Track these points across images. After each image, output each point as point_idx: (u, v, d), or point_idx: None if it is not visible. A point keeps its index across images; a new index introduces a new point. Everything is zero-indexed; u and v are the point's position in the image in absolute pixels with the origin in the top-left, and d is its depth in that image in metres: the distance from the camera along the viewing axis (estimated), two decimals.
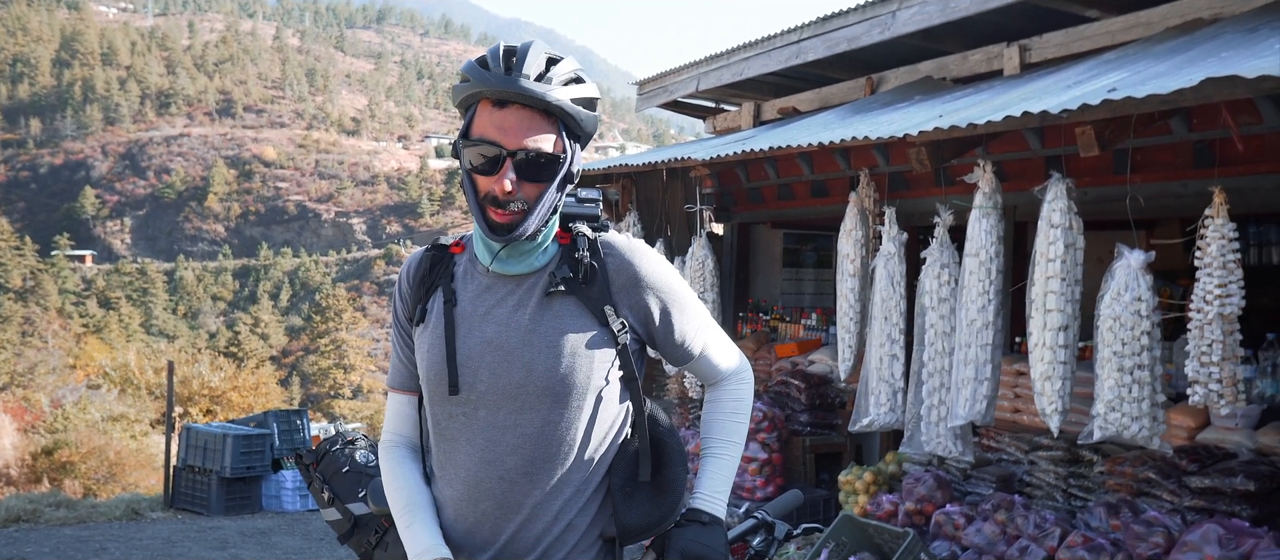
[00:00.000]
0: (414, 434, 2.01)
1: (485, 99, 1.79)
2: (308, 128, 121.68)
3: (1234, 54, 3.73)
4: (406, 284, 1.98)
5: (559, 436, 1.84)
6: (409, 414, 2.01)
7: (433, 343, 1.89)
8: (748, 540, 2.46)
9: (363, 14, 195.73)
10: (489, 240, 1.84)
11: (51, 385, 31.23)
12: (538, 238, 1.86)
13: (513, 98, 1.76)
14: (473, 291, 1.90)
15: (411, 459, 1.98)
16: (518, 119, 1.77)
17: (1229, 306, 3.94)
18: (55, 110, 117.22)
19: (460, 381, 1.85)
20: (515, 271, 1.87)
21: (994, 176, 4.89)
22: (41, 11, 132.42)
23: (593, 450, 1.88)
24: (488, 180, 1.79)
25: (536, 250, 1.87)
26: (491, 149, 1.77)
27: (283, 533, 9.43)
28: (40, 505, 10.30)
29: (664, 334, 1.96)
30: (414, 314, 1.94)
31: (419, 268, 1.96)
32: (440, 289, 1.92)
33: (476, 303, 1.88)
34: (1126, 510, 4.70)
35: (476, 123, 1.80)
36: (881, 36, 6.53)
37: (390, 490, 1.96)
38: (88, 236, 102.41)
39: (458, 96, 1.84)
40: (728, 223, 9.02)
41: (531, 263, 1.87)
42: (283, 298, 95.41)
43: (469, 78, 1.80)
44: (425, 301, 1.93)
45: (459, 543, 1.89)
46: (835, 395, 7.50)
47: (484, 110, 1.79)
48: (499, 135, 1.77)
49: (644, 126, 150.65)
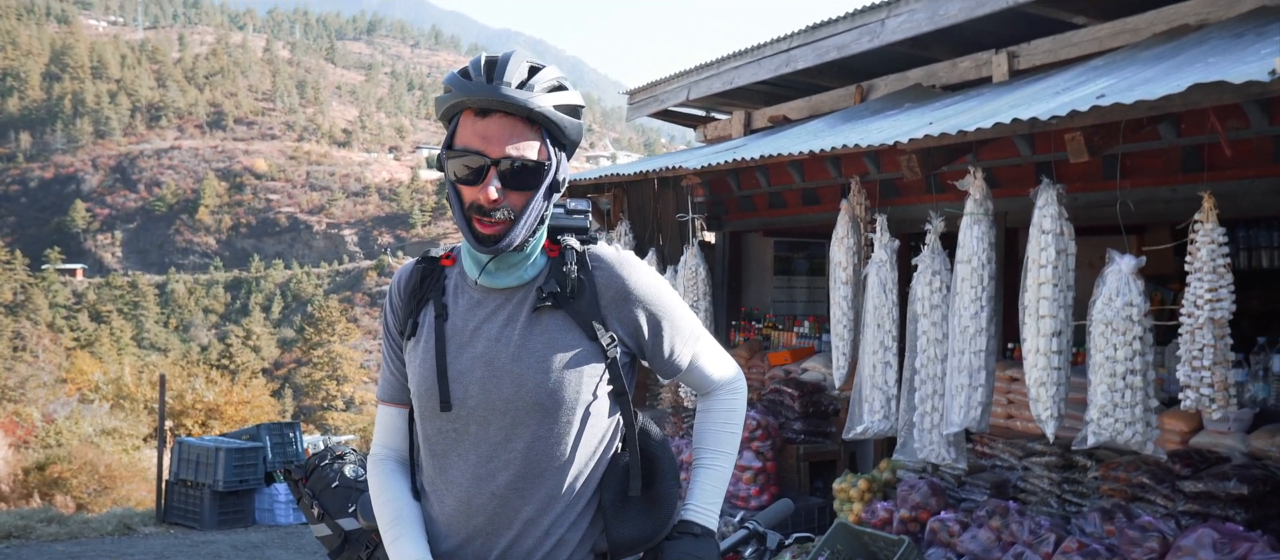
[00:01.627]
0: (403, 447, 2.00)
1: (468, 109, 1.79)
2: (299, 139, 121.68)
3: (1221, 59, 3.75)
4: (397, 297, 1.96)
5: (549, 452, 1.83)
6: (399, 427, 1.99)
7: (424, 358, 1.87)
8: (739, 551, 2.45)
9: (353, 26, 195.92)
10: (476, 253, 1.83)
11: (43, 399, 31.13)
12: (526, 249, 1.85)
13: (495, 106, 1.76)
14: (463, 306, 1.88)
15: (400, 473, 1.97)
16: (501, 127, 1.76)
17: (1220, 311, 3.95)
18: (45, 124, 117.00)
19: (452, 397, 1.84)
20: (504, 285, 1.86)
21: (985, 183, 4.90)
22: (31, 25, 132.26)
23: (583, 465, 1.87)
24: (472, 190, 1.77)
25: (525, 262, 1.86)
26: (476, 158, 1.76)
27: (276, 547, 9.39)
28: (31, 521, 10.24)
29: (653, 347, 1.95)
30: (405, 327, 1.93)
31: (410, 280, 1.95)
32: (431, 302, 1.91)
33: (467, 318, 1.87)
34: (1121, 515, 4.70)
35: (460, 133, 1.79)
36: (871, 44, 6.55)
37: (378, 503, 1.94)
38: (78, 250, 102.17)
39: (440, 108, 1.83)
40: (719, 231, 9.02)
41: (520, 275, 1.86)
42: (275, 310, 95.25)
43: (451, 88, 1.80)
44: (416, 315, 1.92)
45: (450, 557, 1.88)
46: (829, 403, 7.51)
47: (467, 120, 1.79)
48: (482, 144, 1.76)
49: (635, 136, 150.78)
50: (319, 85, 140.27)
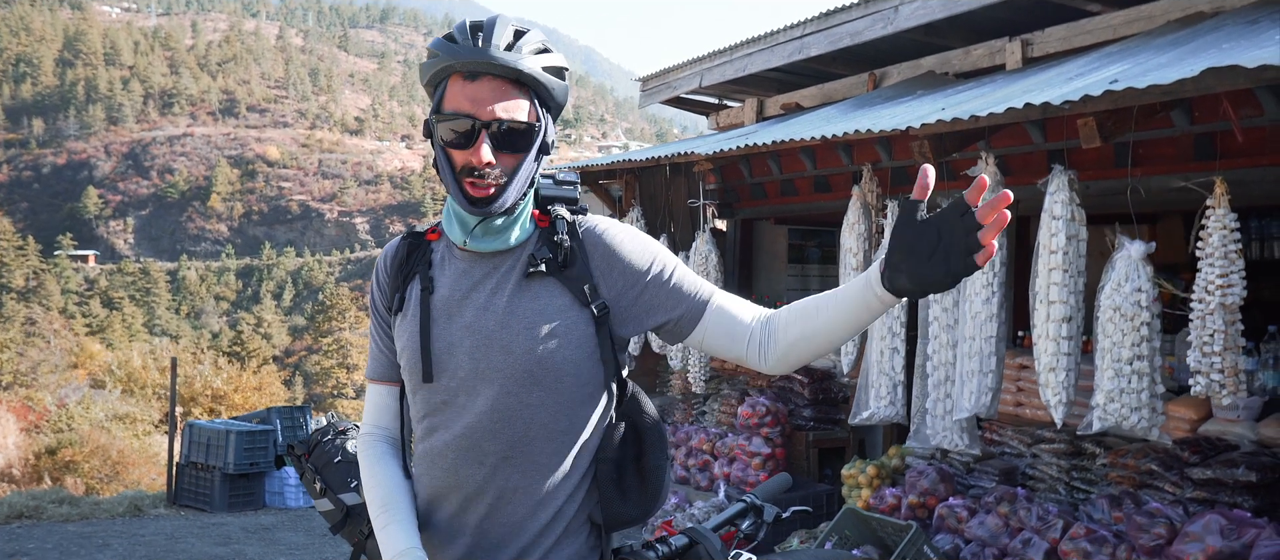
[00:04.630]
0: (393, 425, 1.98)
1: (456, 73, 1.78)
2: (311, 127, 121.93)
3: (1234, 45, 3.74)
4: (384, 273, 1.96)
5: (540, 420, 1.82)
6: (388, 404, 1.98)
7: (411, 332, 1.87)
8: (737, 524, 2.46)
9: (366, 13, 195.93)
10: (466, 215, 1.83)
11: (54, 384, 31.30)
12: (515, 212, 1.84)
13: (484, 69, 1.75)
14: (450, 277, 1.88)
15: (390, 454, 1.96)
16: (490, 90, 1.76)
17: (1231, 296, 3.95)
18: (58, 110, 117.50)
19: (436, 368, 1.84)
20: (491, 248, 1.84)
21: (996, 169, 4.90)
22: (44, 11, 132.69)
23: (575, 434, 1.85)
24: (463, 154, 1.77)
25: (512, 226, 1.85)
26: (465, 122, 1.76)
27: (286, 529, 9.45)
28: (42, 502, 10.30)
29: (666, 295, 1.87)
30: (392, 302, 1.92)
31: (396, 256, 1.95)
32: (418, 276, 1.90)
33: (454, 288, 1.86)
34: (1129, 502, 4.71)
35: (449, 97, 1.79)
36: (884, 31, 6.55)
37: (368, 487, 1.93)
38: (91, 236, 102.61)
39: (426, 74, 1.82)
40: (731, 218, 9.03)
41: (506, 239, 1.84)
42: (286, 297, 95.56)
43: (438, 53, 1.79)
44: (403, 290, 1.91)
45: (442, 529, 1.87)
46: (838, 390, 7.52)
47: (455, 84, 1.78)
48: (472, 107, 1.75)
49: (647, 125, 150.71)
50: (332, 73, 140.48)
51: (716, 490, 7.21)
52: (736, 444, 7.27)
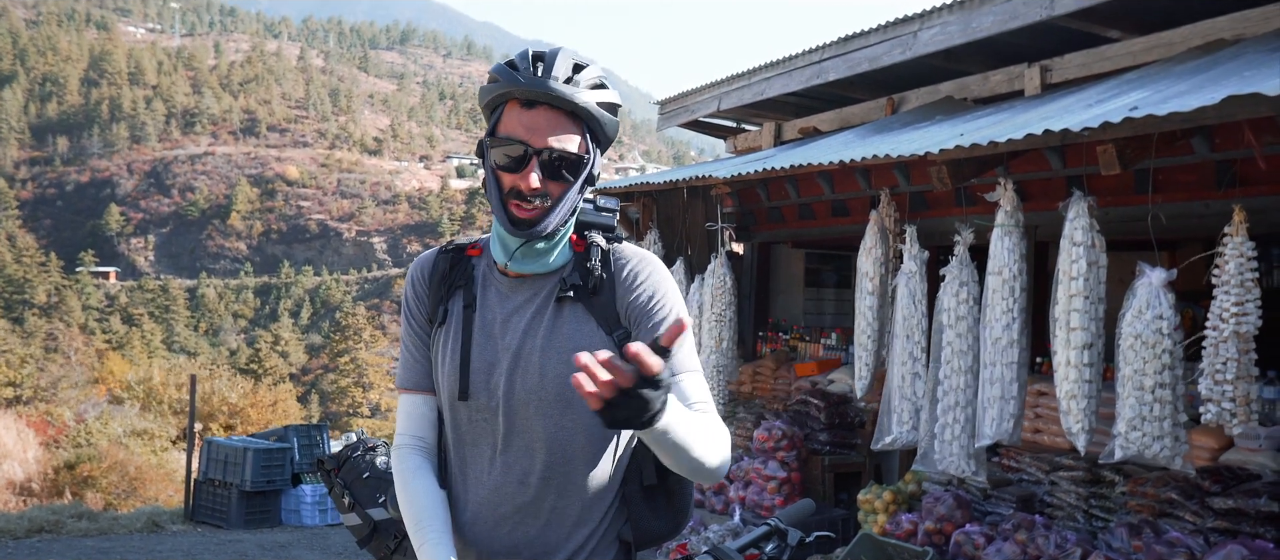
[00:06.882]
0: (428, 434, 1.98)
1: (513, 100, 1.83)
2: (330, 147, 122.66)
3: (1256, 73, 3.73)
4: (423, 283, 1.99)
5: (575, 442, 1.86)
6: (424, 413, 1.98)
7: (452, 348, 1.91)
8: (761, 547, 2.46)
9: (386, 35, 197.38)
10: (508, 237, 1.86)
11: (74, 400, 31.48)
12: (555, 237, 1.88)
13: (541, 98, 1.80)
14: (493, 297, 1.93)
15: (426, 467, 1.96)
16: (545, 119, 1.81)
17: (1245, 325, 3.92)
18: (82, 128, 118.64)
19: (473, 387, 1.87)
20: (530, 271, 1.90)
21: (1015, 194, 4.89)
22: (71, 32, 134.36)
23: (607, 455, 1.90)
24: (513, 177, 1.82)
25: (551, 250, 1.89)
26: (518, 147, 1.80)
27: (302, 547, 9.47)
28: (62, 516, 10.37)
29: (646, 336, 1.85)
30: (435, 314, 1.95)
31: (437, 268, 1.98)
32: (460, 291, 1.94)
33: (495, 308, 1.91)
34: (1149, 531, 4.67)
35: (504, 122, 1.83)
36: (903, 57, 6.55)
37: (403, 500, 1.93)
38: (112, 253, 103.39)
39: (485, 97, 1.87)
40: (748, 242, 9.03)
41: (545, 263, 1.89)
42: (303, 316, 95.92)
43: (498, 78, 1.84)
44: (446, 302, 1.95)
45: (479, 545, 1.90)
46: (855, 414, 7.49)
47: (512, 110, 1.83)
48: (526, 134, 1.80)
49: (664, 148, 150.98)
50: (351, 94, 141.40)
51: (732, 513, 7.18)
52: (752, 467, 7.24)
